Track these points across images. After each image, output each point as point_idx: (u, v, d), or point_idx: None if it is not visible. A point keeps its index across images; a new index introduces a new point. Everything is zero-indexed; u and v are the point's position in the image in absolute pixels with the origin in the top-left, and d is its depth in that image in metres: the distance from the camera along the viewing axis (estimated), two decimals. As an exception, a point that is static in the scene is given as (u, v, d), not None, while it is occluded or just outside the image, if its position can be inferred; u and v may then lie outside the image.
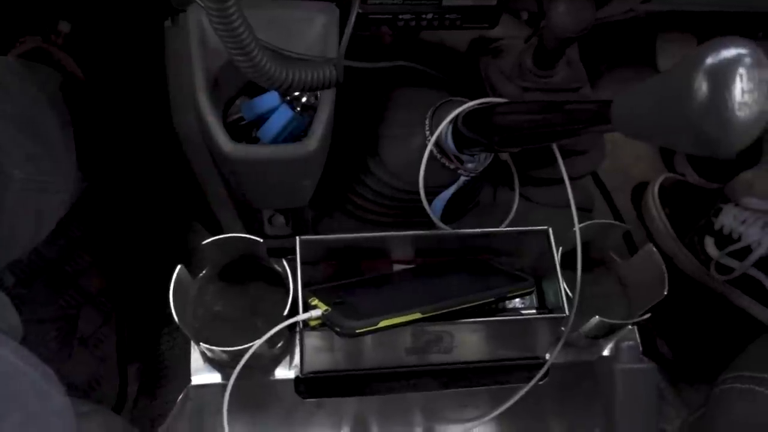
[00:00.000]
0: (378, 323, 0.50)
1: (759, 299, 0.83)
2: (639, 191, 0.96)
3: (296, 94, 0.56)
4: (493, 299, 0.56)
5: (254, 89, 0.57)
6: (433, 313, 0.53)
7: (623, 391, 0.46)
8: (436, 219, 0.61)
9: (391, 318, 0.50)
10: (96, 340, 0.76)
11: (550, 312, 0.62)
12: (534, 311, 0.63)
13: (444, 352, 0.61)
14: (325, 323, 0.51)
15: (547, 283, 0.63)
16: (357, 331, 0.49)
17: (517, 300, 0.64)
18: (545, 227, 0.61)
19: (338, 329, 0.49)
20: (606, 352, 0.69)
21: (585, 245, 0.60)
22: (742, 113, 0.31)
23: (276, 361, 0.64)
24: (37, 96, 0.59)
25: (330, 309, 0.51)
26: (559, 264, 0.60)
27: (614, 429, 0.46)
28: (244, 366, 0.52)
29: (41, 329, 0.75)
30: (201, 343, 0.56)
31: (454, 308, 0.54)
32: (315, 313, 0.52)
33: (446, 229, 0.61)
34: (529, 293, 0.59)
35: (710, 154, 0.33)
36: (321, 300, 0.53)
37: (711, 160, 0.95)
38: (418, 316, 0.52)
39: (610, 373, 0.46)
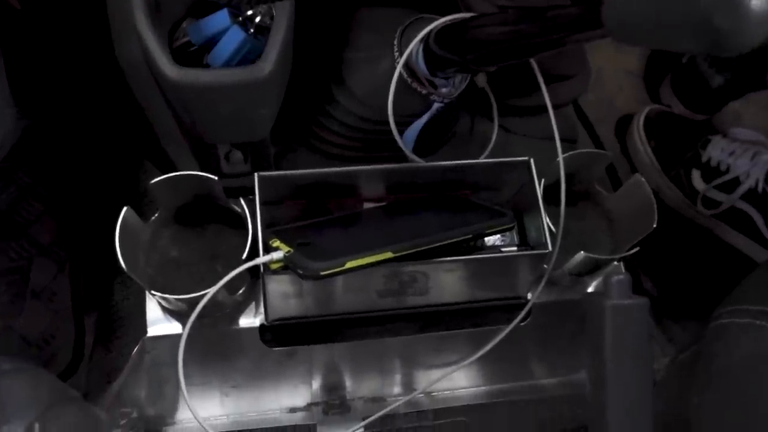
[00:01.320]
0: (344, 264, 0.45)
1: (746, 233, 0.81)
2: (623, 124, 0.93)
3: (249, 14, 0.50)
4: (470, 236, 0.52)
5: (202, 11, 0.51)
6: (406, 252, 0.48)
7: (614, 329, 0.42)
8: (408, 151, 0.57)
9: (358, 258, 0.46)
10: (50, 292, 0.72)
11: (532, 249, 0.58)
12: (515, 248, 0.60)
13: (419, 294, 0.57)
14: (287, 266, 0.47)
15: (529, 218, 0.60)
16: (321, 272, 0.45)
17: (497, 237, 0.61)
18: (526, 158, 0.56)
19: (301, 271, 0.45)
20: (590, 290, 0.66)
21: (568, 177, 0.56)
22: (759, 0, 0.26)
23: (239, 309, 0.60)
24: None
25: (293, 250, 0.47)
26: (542, 197, 0.56)
27: (604, 368, 0.43)
28: (206, 315, 0.48)
29: (-10, 283, 0.71)
30: (153, 292, 0.52)
31: (428, 247, 0.50)
32: (276, 255, 0.47)
33: (420, 162, 0.56)
34: (510, 229, 0.55)
35: (720, 52, 0.28)
36: (283, 241, 0.48)
37: (697, 90, 0.91)
38: (388, 255, 0.47)
39: (600, 310, 0.42)
